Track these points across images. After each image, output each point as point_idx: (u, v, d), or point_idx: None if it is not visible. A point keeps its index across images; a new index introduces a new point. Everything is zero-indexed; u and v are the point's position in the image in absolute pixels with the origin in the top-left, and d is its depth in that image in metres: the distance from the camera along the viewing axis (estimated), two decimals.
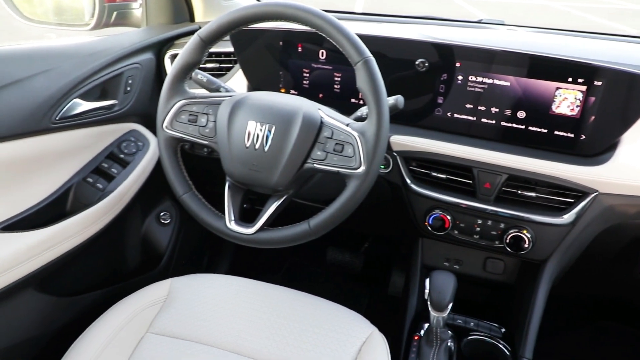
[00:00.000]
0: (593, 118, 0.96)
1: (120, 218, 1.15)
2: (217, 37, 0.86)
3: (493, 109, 1.03)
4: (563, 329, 1.61)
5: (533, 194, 1.03)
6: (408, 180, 1.09)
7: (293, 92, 1.19)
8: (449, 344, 1.05)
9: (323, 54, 1.12)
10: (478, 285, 1.29)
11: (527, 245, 1.04)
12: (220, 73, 1.26)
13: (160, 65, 1.26)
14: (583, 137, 0.98)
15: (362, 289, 1.81)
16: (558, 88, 0.96)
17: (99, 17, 1.29)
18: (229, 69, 1.25)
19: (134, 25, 1.42)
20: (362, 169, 0.80)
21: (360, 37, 0.80)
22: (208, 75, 0.98)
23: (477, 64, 1.01)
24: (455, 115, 1.06)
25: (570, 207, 1.01)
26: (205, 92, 0.96)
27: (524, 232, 1.04)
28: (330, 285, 1.84)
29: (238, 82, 1.23)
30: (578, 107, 0.96)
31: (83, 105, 1.05)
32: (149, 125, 1.23)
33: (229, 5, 1.48)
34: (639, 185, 0.95)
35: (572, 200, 1.01)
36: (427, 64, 1.04)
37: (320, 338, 0.91)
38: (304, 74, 1.16)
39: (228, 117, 0.86)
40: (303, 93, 1.17)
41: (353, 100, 1.14)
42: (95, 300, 1.19)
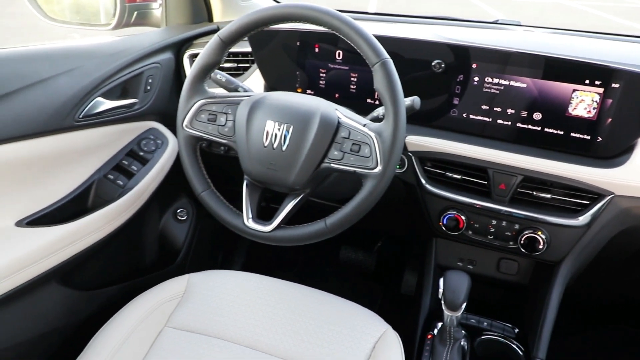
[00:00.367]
0: (610, 120, 0.95)
1: (139, 214, 1.18)
2: (237, 38, 0.88)
3: (509, 111, 1.03)
4: (576, 330, 1.60)
5: (548, 196, 1.03)
6: (423, 180, 1.10)
7: (309, 92, 1.20)
8: (462, 343, 1.05)
9: (339, 54, 1.13)
10: (491, 286, 1.29)
11: (541, 247, 1.04)
12: (238, 73, 1.27)
13: (180, 65, 1.28)
14: (600, 139, 0.98)
15: (374, 288, 1.82)
16: (575, 90, 0.96)
17: (120, 17, 1.32)
18: (247, 69, 1.27)
19: (154, 25, 1.44)
20: (378, 169, 0.81)
21: (377, 38, 0.81)
22: (227, 75, 0.99)
23: (493, 66, 1.01)
24: (471, 116, 1.07)
25: (586, 209, 1.01)
26: (224, 91, 0.98)
27: (539, 233, 1.04)
28: (343, 284, 1.85)
29: (255, 81, 1.24)
30: (595, 109, 0.96)
31: (105, 104, 1.08)
32: (168, 124, 1.25)
33: (247, 6, 1.49)
34: None
35: (587, 202, 1.01)
36: (443, 65, 1.04)
37: (335, 335, 0.92)
38: (321, 74, 1.17)
39: (247, 116, 0.87)
40: (319, 93, 1.18)
41: (369, 101, 1.15)
42: (115, 295, 1.21)
